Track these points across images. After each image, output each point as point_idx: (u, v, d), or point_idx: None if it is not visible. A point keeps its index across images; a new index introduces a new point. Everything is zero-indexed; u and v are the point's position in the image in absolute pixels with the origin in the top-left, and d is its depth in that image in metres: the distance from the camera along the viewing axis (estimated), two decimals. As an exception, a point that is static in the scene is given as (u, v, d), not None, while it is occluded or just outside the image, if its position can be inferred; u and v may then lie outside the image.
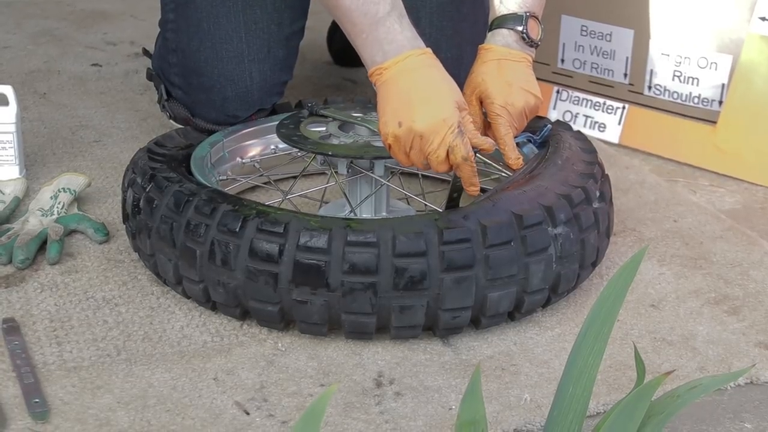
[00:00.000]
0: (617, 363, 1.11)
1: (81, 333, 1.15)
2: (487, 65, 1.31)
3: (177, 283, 1.19)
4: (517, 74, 1.30)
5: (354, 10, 1.18)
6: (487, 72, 1.30)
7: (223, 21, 1.48)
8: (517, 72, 1.30)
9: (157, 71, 1.61)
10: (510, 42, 1.32)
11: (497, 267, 1.11)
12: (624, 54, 1.76)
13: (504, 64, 1.30)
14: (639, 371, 0.89)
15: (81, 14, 2.45)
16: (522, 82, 1.30)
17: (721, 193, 1.58)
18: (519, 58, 1.31)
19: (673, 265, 1.34)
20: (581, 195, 1.20)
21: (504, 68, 1.30)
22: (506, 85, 1.28)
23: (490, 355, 1.13)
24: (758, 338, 1.17)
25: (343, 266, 1.08)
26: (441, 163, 1.15)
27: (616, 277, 0.81)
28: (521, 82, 1.30)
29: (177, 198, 1.17)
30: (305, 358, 1.12)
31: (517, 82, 1.29)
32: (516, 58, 1.31)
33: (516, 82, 1.29)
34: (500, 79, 1.29)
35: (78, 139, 1.70)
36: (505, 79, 1.29)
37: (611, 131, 1.77)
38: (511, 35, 1.32)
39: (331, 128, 1.34)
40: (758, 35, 1.58)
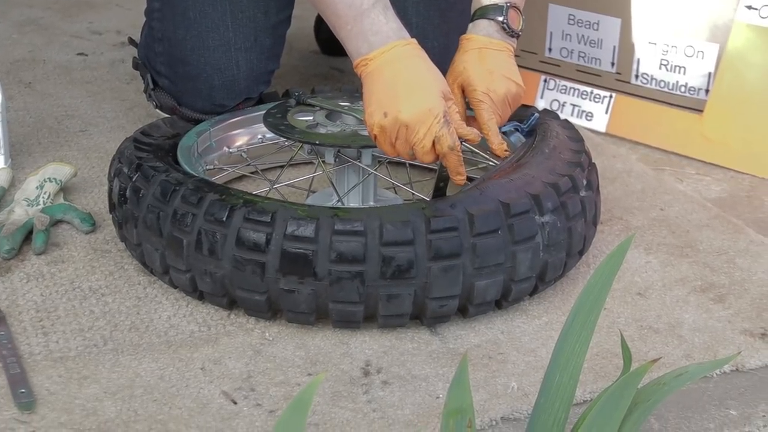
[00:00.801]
0: (604, 351, 1.12)
1: (67, 323, 1.14)
2: (469, 54, 1.31)
3: (164, 273, 1.19)
4: (499, 62, 1.30)
5: (338, 2, 1.18)
6: (468, 60, 1.30)
7: (210, 10, 1.47)
8: (499, 60, 1.30)
9: (143, 60, 1.60)
10: (491, 32, 1.32)
11: (484, 255, 1.11)
12: (611, 43, 1.76)
13: (485, 52, 1.30)
14: (625, 359, 0.89)
15: (66, 3, 2.44)
16: (503, 70, 1.30)
17: (707, 181, 1.59)
18: (500, 47, 1.31)
19: (660, 253, 1.34)
20: (568, 183, 1.20)
21: (485, 57, 1.30)
22: (487, 73, 1.29)
23: (477, 344, 1.13)
24: (743, 326, 1.18)
25: (331, 255, 1.08)
26: (427, 153, 1.15)
27: (603, 266, 0.82)
28: (502, 70, 1.30)
29: (164, 187, 1.17)
30: (293, 347, 1.12)
31: (498, 69, 1.29)
32: (497, 47, 1.31)
33: (497, 69, 1.29)
34: (481, 67, 1.29)
35: (64, 128, 1.69)
36: (486, 67, 1.29)
37: (598, 120, 1.78)
38: (492, 25, 1.32)
39: (319, 117, 1.34)
40: (745, 24, 1.58)
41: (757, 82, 1.58)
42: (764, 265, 1.31)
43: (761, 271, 1.30)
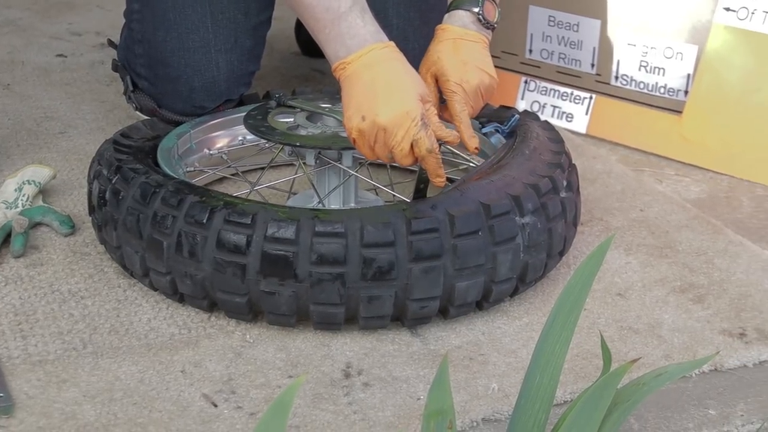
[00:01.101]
0: (584, 351, 1.12)
1: (46, 326, 1.14)
2: (443, 44, 1.31)
3: (144, 276, 1.18)
4: (473, 53, 1.30)
5: (316, 5, 1.18)
6: (442, 50, 1.30)
7: (189, 11, 1.47)
8: (473, 51, 1.31)
9: (122, 62, 1.60)
10: (466, 23, 1.32)
11: (465, 256, 1.11)
12: (591, 44, 1.77)
13: (459, 43, 1.31)
14: (605, 359, 0.90)
15: (45, 4, 2.42)
16: (477, 61, 1.30)
17: (686, 182, 1.60)
18: (475, 38, 1.32)
19: (640, 254, 1.35)
20: (548, 185, 1.21)
21: (459, 47, 1.30)
22: (461, 63, 1.29)
23: (458, 345, 1.13)
24: (722, 326, 1.18)
25: (311, 257, 1.08)
26: (406, 156, 1.15)
27: (583, 267, 0.82)
28: (476, 61, 1.30)
29: (143, 189, 1.16)
30: (273, 349, 1.11)
31: (472, 60, 1.30)
32: (472, 39, 1.31)
33: (471, 60, 1.29)
34: (455, 57, 1.29)
35: (43, 130, 1.68)
36: (460, 57, 1.29)
37: (578, 121, 1.78)
38: (468, 16, 1.33)
39: (299, 119, 1.34)
40: (723, 25, 1.59)
41: (735, 83, 1.59)
42: (743, 265, 1.32)
43: (740, 272, 1.30)
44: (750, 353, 1.13)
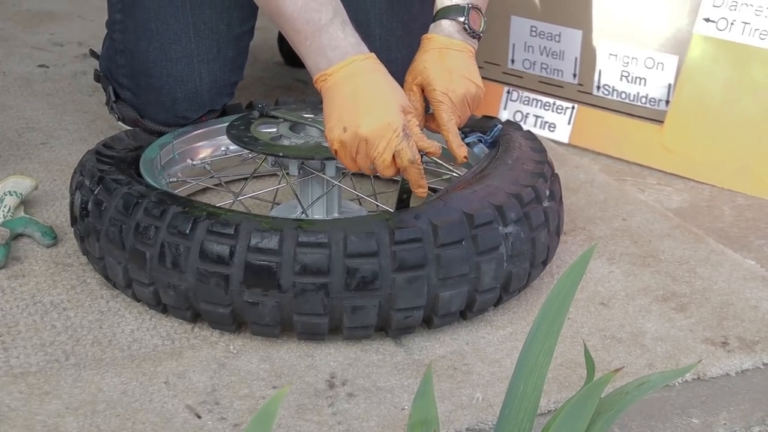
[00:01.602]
0: (568, 361, 1.12)
1: (28, 338, 1.13)
2: (429, 53, 1.31)
3: (127, 286, 1.18)
4: (459, 62, 1.30)
5: (297, 18, 1.18)
6: (428, 60, 1.30)
7: (172, 21, 1.47)
8: (459, 60, 1.31)
9: (104, 73, 1.59)
10: (452, 32, 1.33)
11: (449, 266, 1.11)
12: (573, 54, 1.78)
13: (445, 52, 1.31)
14: (589, 369, 0.90)
15: (27, 14, 2.42)
16: (463, 70, 1.30)
17: (668, 191, 1.61)
18: (461, 47, 1.32)
19: (622, 263, 1.35)
20: (531, 194, 1.21)
21: (445, 56, 1.30)
22: (447, 73, 1.29)
23: (442, 355, 1.13)
24: (705, 334, 1.19)
25: (295, 267, 1.08)
26: (387, 167, 1.15)
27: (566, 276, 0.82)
28: (462, 70, 1.30)
29: (126, 200, 1.16)
30: (257, 360, 1.11)
31: (458, 69, 1.30)
32: (458, 48, 1.32)
33: (457, 69, 1.30)
34: (441, 66, 1.29)
35: (24, 141, 1.67)
36: (446, 66, 1.29)
37: (561, 131, 1.79)
38: (453, 26, 1.33)
39: (282, 129, 1.34)
40: (703, 36, 1.61)
41: (715, 93, 1.61)
42: (724, 274, 1.33)
43: (722, 280, 1.31)
44: (732, 362, 1.13)
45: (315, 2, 1.18)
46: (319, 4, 1.18)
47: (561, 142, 1.78)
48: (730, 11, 1.57)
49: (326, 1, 1.18)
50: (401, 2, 1.57)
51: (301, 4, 1.18)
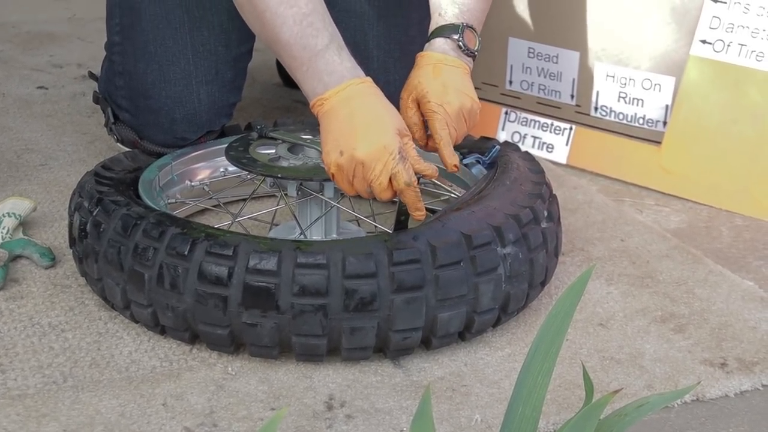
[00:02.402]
0: (566, 382, 1.12)
1: (26, 360, 1.13)
2: (423, 69, 1.31)
3: (125, 308, 1.18)
4: (453, 77, 1.30)
5: (293, 44, 1.19)
6: (422, 75, 1.31)
7: (170, 42, 1.47)
8: (453, 75, 1.31)
9: (103, 94, 1.60)
10: (446, 49, 1.33)
11: (447, 287, 1.11)
12: (570, 75, 1.78)
13: (440, 67, 1.31)
14: (587, 390, 0.90)
15: (26, 36, 2.43)
16: (458, 84, 1.30)
17: (666, 212, 1.61)
18: (455, 63, 1.32)
19: (621, 284, 1.35)
20: (530, 215, 1.21)
21: (440, 71, 1.31)
22: (442, 86, 1.29)
23: (440, 376, 1.13)
24: (704, 356, 1.19)
25: (293, 288, 1.08)
26: (384, 191, 1.15)
27: (564, 297, 0.82)
28: (457, 84, 1.30)
29: (125, 221, 1.16)
30: (256, 381, 1.11)
31: (453, 83, 1.30)
32: (452, 64, 1.32)
33: (452, 83, 1.30)
34: (436, 80, 1.29)
35: (23, 162, 1.68)
36: (440, 80, 1.29)
37: (559, 152, 1.79)
38: (448, 43, 1.33)
39: (281, 150, 1.34)
40: (699, 58, 1.61)
41: (712, 114, 1.61)
42: (723, 294, 1.33)
43: (720, 301, 1.31)
44: (731, 383, 1.13)
45: (311, 28, 1.18)
46: (315, 30, 1.18)
47: (559, 163, 1.78)
48: (726, 33, 1.58)
49: (322, 27, 1.19)
50: (398, 24, 1.58)
51: (297, 31, 1.18)
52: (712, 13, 1.59)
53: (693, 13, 1.62)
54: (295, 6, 1.18)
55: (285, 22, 1.18)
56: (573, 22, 1.76)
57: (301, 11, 1.18)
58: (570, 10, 1.76)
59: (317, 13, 1.19)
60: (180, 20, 1.46)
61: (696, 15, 1.61)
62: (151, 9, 1.46)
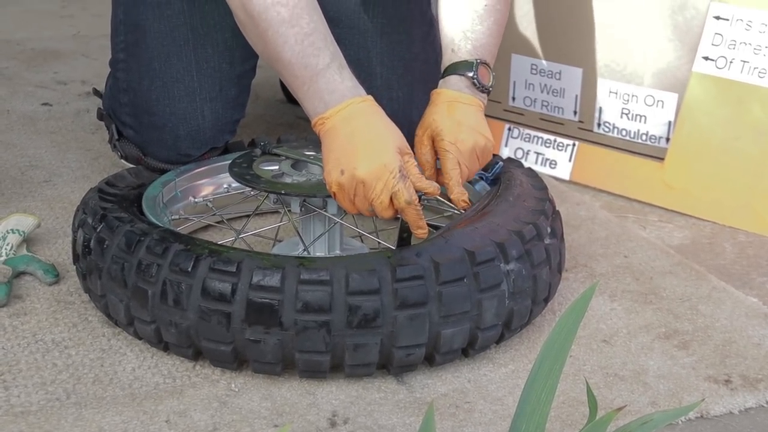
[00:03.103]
0: (570, 399, 1.12)
1: (29, 377, 1.13)
2: (438, 107, 1.32)
3: (128, 324, 1.18)
4: (467, 115, 1.31)
5: (295, 63, 1.19)
6: (437, 112, 1.31)
7: (174, 60, 1.48)
8: (467, 113, 1.32)
9: (108, 111, 1.61)
10: (461, 87, 1.34)
11: (450, 303, 1.11)
12: (573, 92, 1.79)
13: (454, 105, 1.32)
14: (591, 407, 0.90)
15: (31, 53, 2.44)
16: (472, 123, 1.31)
17: (669, 228, 1.61)
18: (470, 101, 1.33)
19: (624, 300, 1.35)
20: (533, 231, 1.21)
21: (454, 109, 1.31)
22: (456, 124, 1.30)
23: (444, 393, 1.13)
24: (708, 372, 1.18)
25: (297, 305, 1.08)
26: (386, 209, 1.15)
27: (568, 313, 0.82)
28: (471, 122, 1.31)
29: (128, 238, 1.16)
30: (259, 398, 1.11)
31: (466, 122, 1.30)
32: (466, 101, 1.33)
33: (466, 122, 1.30)
34: (450, 118, 1.30)
35: (27, 179, 1.68)
36: (455, 118, 1.30)
37: (562, 168, 1.80)
38: (462, 81, 1.34)
39: (284, 167, 1.34)
40: (702, 74, 1.62)
41: (715, 130, 1.61)
42: (726, 311, 1.33)
43: (724, 318, 1.31)
44: (735, 400, 1.13)
45: (312, 47, 1.19)
46: (316, 50, 1.19)
47: (562, 179, 1.79)
48: (729, 50, 1.59)
49: (324, 46, 1.20)
50: (401, 41, 1.58)
51: (299, 50, 1.19)
52: (715, 30, 1.60)
53: (695, 30, 1.62)
54: (297, 25, 1.19)
55: (287, 42, 1.19)
56: (576, 39, 1.76)
57: (303, 30, 1.19)
58: (573, 27, 1.76)
59: (319, 33, 1.20)
60: (184, 38, 1.47)
61: (698, 32, 1.62)
62: (156, 26, 1.47)
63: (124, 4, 1.51)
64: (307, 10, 1.20)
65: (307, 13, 1.20)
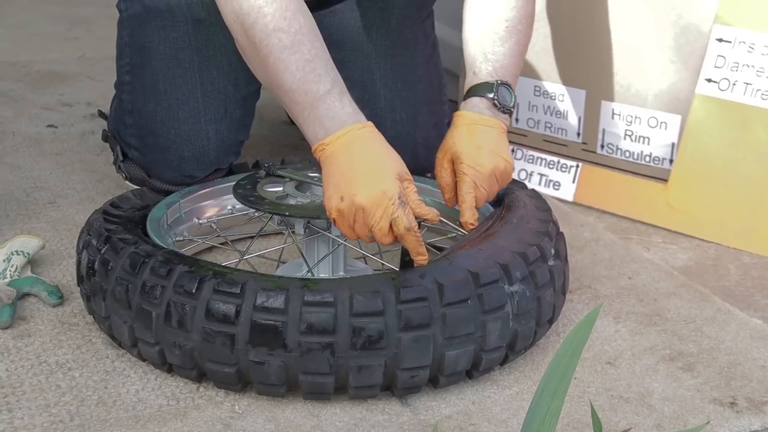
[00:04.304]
0: (574, 421, 1.11)
1: (33, 399, 1.13)
2: (459, 129, 1.32)
3: (132, 346, 1.18)
4: (488, 138, 1.31)
5: (295, 89, 1.19)
6: (458, 135, 1.32)
7: (180, 82, 1.49)
8: (488, 136, 1.32)
9: (113, 132, 1.61)
10: (482, 109, 1.34)
11: (454, 325, 1.11)
12: (577, 114, 1.79)
13: (475, 128, 1.32)
14: (596, 429, 0.89)
15: (37, 75, 2.45)
16: (492, 146, 1.31)
17: (673, 249, 1.61)
18: (491, 123, 1.33)
19: (629, 322, 1.35)
20: (537, 253, 1.21)
21: (474, 132, 1.31)
22: (475, 148, 1.30)
23: (448, 415, 1.13)
24: (713, 394, 1.18)
25: (301, 326, 1.08)
26: (385, 236, 1.15)
27: (572, 335, 0.82)
28: (491, 146, 1.31)
29: (132, 259, 1.16)
30: (263, 420, 1.11)
31: (486, 145, 1.30)
32: (487, 124, 1.33)
33: (486, 145, 1.30)
34: (470, 142, 1.30)
35: (32, 200, 1.68)
36: (474, 142, 1.30)
37: (566, 189, 1.80)
38: (483, 102, 1.34)
39: (288, 188, 1.35)
40: (705, 96, 1.62)
41: (718, 152, 1.62)
42: (731, 333, 1.32)
43: (728, 339, 1.31)
44: (741, 422, 1.13)
45: (313, 74, 1.19)
46: (317, 76, 1.19)
47: (566, 201, 1.79)
48: (731, 72, 1.59)
49: (324, 72, 1.20)
50: (405, 64, 1.59)
51: (300, 77, 1.19)
52: (717, 52, 1.60)
53: (698, 52, 1.63)
54: (299, 52, 1.19)
55: (288, 68, 1.19)
56: (579, 61, 1.77)
57: (304, 57, 1.19)
58: (576, 49, 1.77)
59: (320, 59, 1.20)
60: (189, 60, 1.48)
61: (701, 54, 1.62)
62: (162, 49, 1.48)
63: (129, 26, 1.52)
64: (308, 36, 1.20)
65: (308, 39, 1.20)
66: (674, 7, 1.64)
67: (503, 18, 1.37)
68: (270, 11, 1.19)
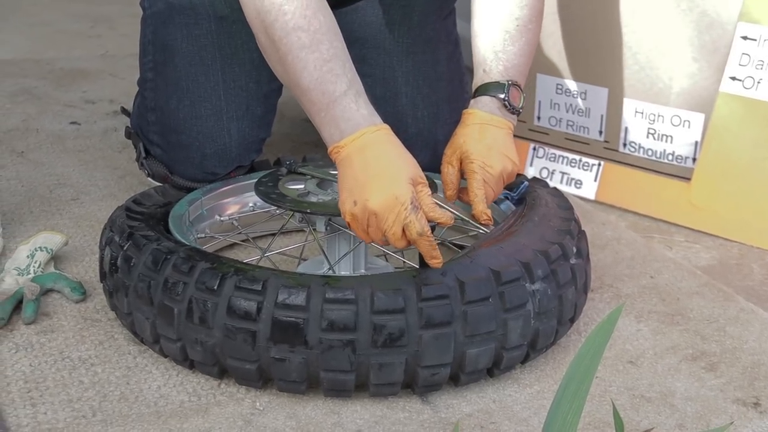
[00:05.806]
0: (596, 420, 1.11)
1: (56, 394, 1.13)
2: (469, 128, 1.32)
3: (154, 342, 1.18)
4: (497, 139, 1.31)
5: (312, 89, 1.19)
6: (468, 134, 1.31)
7: (202, 79, 1.49)
8: (498, 137, 1.32)
9: (135, 129, 1.62)
10: (492, 108, 1.33)
11: (475, 323, 1.11)
12: (599, 112, 1.78)
13: (485, 128, 1.32)
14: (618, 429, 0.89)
15: (60, 73, 2.46)
16: (501, 147, 1.31)
17: (696, 249, 1.60)
18: (500, 124, 1.33)
19: (651, 321, 1.34)
20: (558, 251, 1.21)
21: (485, 132, 1.31)
22: (486, 148, 1.30)
23: (469, 413, 1.12)
24: (736, 395, 1.17)
25: (322, 323, 1.08)
26: (399, 240, 1.14)
27: (594, 334, 0.82)
28: (501, 147, 1.31)
29: (155, 256, 1.17)
30: (283, 417, 1.11)
31: (496, 146, 1.30)
32: (497, 125, 1.32)
33: (496, 146, 1.30)
34: (481, 142, 1.30)
35: (55, 197, 1.70)
36: (485, 142, 1.30)
37: (587, 188, 1.79)
38: (494, 102, 1.34)
39: (310, 186, 1.35)
40: (729, 94, 1.61)
41: (742, 150, 1.60)
42: (755, 333, 1.31)
43: (752, 339, 1.30)
44: (765, 423, 1.12)
45: (331, 74, 1.19)
46: (334, 76, 1.19)
47: (587, 199, 1.78)
48: (756, 70, 1.58)
49: (342, 73, 1.19)
50: (427, 61, 1.59)
51: (317, 77, 1.19)
52: (742, 50, 1.59)
53: (722, 50, 1.62)
54: (317, 51, 1.19)
55: (306, 67, 1.19)
56: (601, 59, 1.76)
57: (323, 56, 1.19)
58: (598, 47, 1.76)
59: (338, 59, 1.20)
60: (212, 57, 1.48)
61: (725, 52, 1.61)
62: (185, 46, 1.49)
63: (152, 24, 1.52)
64: (328, 35, 1.20)
65: (327, 38, 1.20)
66: (698, 5, 1.63)
67: (513, 15, 1.36)
68: (290, 9, 1.19)
